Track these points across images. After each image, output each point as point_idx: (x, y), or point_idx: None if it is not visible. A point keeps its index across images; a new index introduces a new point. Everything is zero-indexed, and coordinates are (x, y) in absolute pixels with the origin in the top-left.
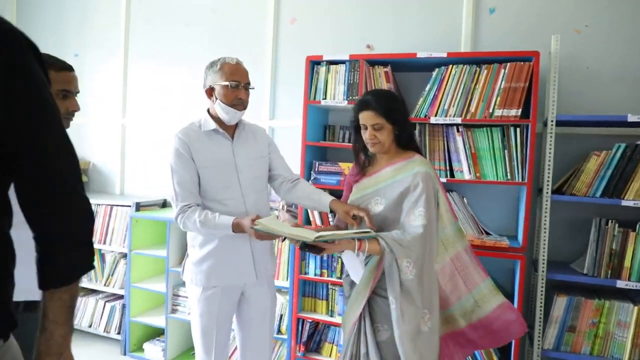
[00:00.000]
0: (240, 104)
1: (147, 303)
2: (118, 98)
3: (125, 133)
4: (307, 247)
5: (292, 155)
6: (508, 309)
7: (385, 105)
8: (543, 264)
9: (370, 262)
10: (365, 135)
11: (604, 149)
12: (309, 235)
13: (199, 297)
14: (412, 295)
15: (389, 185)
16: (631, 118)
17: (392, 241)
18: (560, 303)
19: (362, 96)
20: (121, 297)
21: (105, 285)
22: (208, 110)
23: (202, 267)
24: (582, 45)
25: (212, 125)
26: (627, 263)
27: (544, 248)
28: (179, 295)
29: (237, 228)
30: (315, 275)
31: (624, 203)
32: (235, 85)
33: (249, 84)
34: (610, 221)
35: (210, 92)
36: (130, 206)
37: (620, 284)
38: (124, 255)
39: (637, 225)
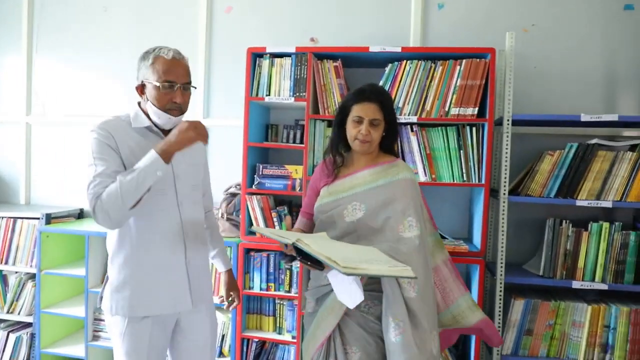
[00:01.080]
0: (175, 108)
1: (62, 330)
2: (21, 93)
3: (31, 133)
4: (307, 261)
5: (230, 158)
6: (487, 326)
7: (386, 101)
8: (501, 267)
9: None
10: (358, 130)
11: (556, 148)
12: (330, 254)
13: (122, 331)
14: (418, 317)
15: (369, 190)
16: (584, 118)
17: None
18: (518, 306)
19: (360, 87)
20: (29, 325)
21: (8, 312)
22: (139, 104)
23: (124, 292)
24: (529, 44)
25: (145, 121)
26: (580, 263)
27: (501, 251)
28: (101, 320)
29: (168, 150)
30: (260, 289)
31: (579, 203)
32: (168, 86)
33: (188, 83)
34: (564, 221)
35: (141, 89)
36: (38, 218)
37: (576, 284)
38: (32, 276)
39: (589, 225)
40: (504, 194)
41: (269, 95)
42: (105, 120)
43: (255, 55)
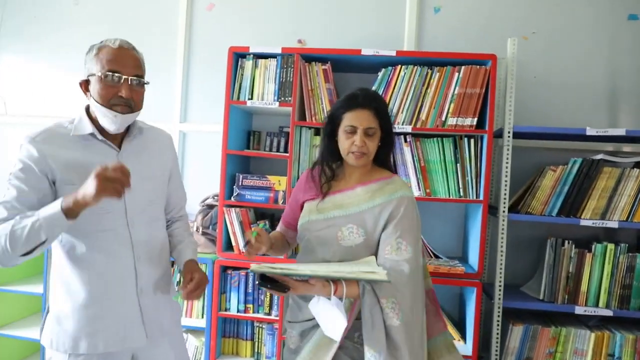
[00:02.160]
0: (121, 103)
1: (14, 354)
2: None
3: None
4: (267, 283)
5: (208, 166)
6: None
7: (382, 107)
8: (500, 290)
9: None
10: (352, 141)
11: (558, 163)
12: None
13: None
14: (401, 351)
15: (367, 212)
16: (590, 132)
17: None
18: (517, 332)
19: (351, 92)
20: None
21: None
22: (88, 109)
23: (65, 325)
24: (529, 52)
25: (88, 128)
26: (583, 287)
27: (500, 273)
28: None
29: (73, 207)
30: (238, 311)
31: (583, 223)
32: (113, 77)
33: (139, 76)
34: (566, 242)
35: (85, 85)
36: None
37: (579, 310)
38: None
39: (593, 246)
40: (504, 211)
41: (252, 99)
42: (41, 131)
43: (238, 56)
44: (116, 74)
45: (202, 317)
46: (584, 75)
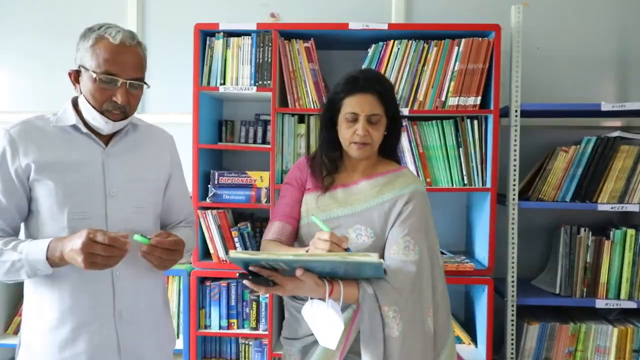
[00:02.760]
0: (115, 110)
1: None
2: None
3: None
4: (248, 278)
5: None
6: None
7: (387, 90)
8: (512, 287)
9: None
10: (354, 130)
11: (569, 143)
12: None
13: None
14: None
15: (374, 209)
16: (605, 107)
17: (374, 280)
18: (532, 332)
19: (351, 74)
20: None
21: None
22: (75, 101)
23: (35, 350)
24: (531, 20)
25: (71, 119)
26: (603, 278)
27: (512, 268)
28: None
29: (59, 263)
30: (220, 327)
31: (601, 208)
32: (108, 80)
33: (139, 79)
34: (582, 229)
35: (75, 76)
36: None
37: (600, 303)
38: None
39: (612, 232)
40: (514, 199)
41: (225, 84)
42: (17, 123)
43: (205, 34)
44: (112, 77)
45: (178, 336)
46: (590, 43)
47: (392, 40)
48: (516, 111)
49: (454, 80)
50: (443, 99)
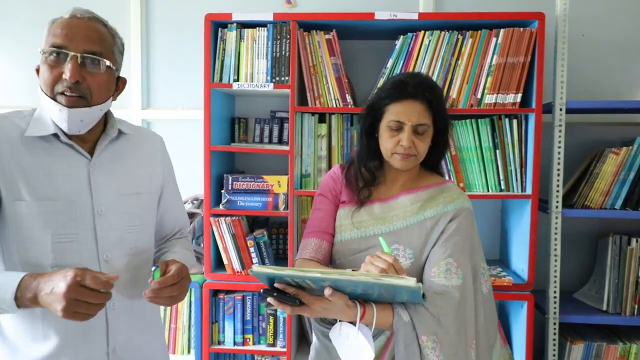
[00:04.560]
0: (65, 90)
1: None
2: None
3: None
4: (273, 295)
5: (182, 163)
6: None
7: (437, 99)
8: (555, 302)
9: (375, 343)
10: (398, 140)
11: (619, 143)
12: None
13: None
14: None
15: (415, 227)
16: None
17: (412, 306)
18: (577, 352)
19: (398, 77)
20: None
21: None
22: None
23: None
24: (577, 8)
25: (49, 126)
26: None
27: (555, 282)
28: None
29: (29, 304)
30: (234, 343)
31: None
32: (55, 55)
33: (93, 53)
34: (633, 239)
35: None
36: None
37: None
38: None
39: None
40: (557, 206)
41: (238, 80)
42: None
43: (217, 26)
44: (58, 50)
45: (189, 352)
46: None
47: (422, 31)
48: (561, 109)
49: (491, 75)
50: (479, 96)
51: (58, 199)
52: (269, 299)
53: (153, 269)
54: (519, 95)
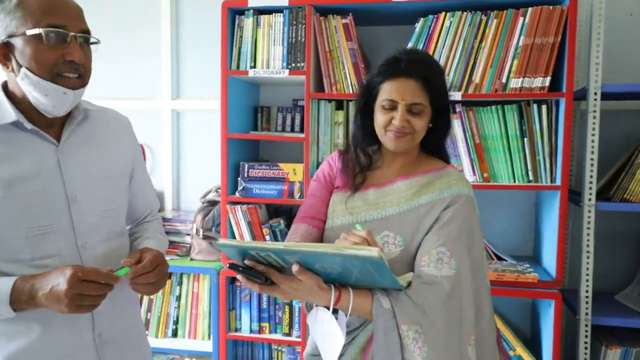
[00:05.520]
0: (71, 72)
1: None
2: None
3: None
4: (239, 270)
5: (210, 153)
6: None
7: (434, 76)
8: (587, 303)
9: (358, 337)
10: (390, 117)
11: None
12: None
13: None
14: None
15: (407, 213)
16: None
17: (394, 293)
18: (612, 358)
19: (392, 54)
20: None
21: None
22: (5, 87)
23: None
24: None
25: (10, 114)
26: None
27: (587, 280)
28: None
29: (25, 307)
30: (251, 331)
31: None
32: (56, 35)
33: (85, 32)
34: None
35: (5, 53)
36: None
37: None
38: None
39: None
40: (590, 199)
41: (255, 67)
42: None
43: (234, 12)
44: (59, 30)
45: (209, 338)
46: None
47: (443, 13)
48: (596, 93)
49: (517, 57)
50: (504, 80)
51: (28, 191)
52: (238, 276)
53: (120, 267)
54: (548, 78)
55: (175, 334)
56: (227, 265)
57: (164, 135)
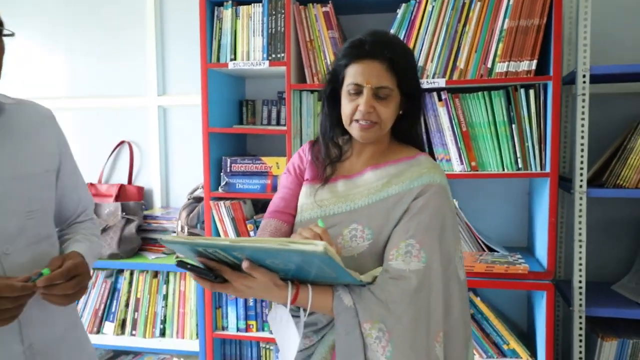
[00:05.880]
0: None
1: None
2: None
3: None
4: (187, 267)
5: (196, 149)
6: None
7: (400, 57)
8: (580, 294)
9: (327, 335)
10: (356, 105)
11: None
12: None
13: None
14: None
15: (375, 205)
16: None
17: (357, 289)
18: (608, 350)
19: (357, 36)
20: None
21: None
22: None
23: None
24: None
25: None
26: None
27: (580, 270)
28: None
29: None
30: (238, 329)
31: None
32: None
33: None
34: None
35: None
36: None
37: None
38: None
39: None
40: (581, 186)
41: (235, 59)
42: None
43: (213, 4)
44: None
45: (198, 336)
46: None
47: None
48: (584, 76)
49: (502, 41)
50: (489, 65)
51: None
52: (190, 274)
53: (42, 270)
54: (534, 62)
55: (163, 333)
56: (176, 262)
57: (151, 132)
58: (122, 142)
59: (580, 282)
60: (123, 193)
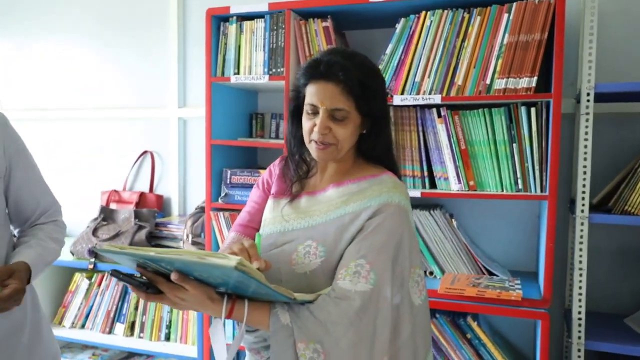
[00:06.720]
0: None
1: None
2: None
3: None
4: (120, 277)
5: None
6: None
7: (358, 79)
8: (579, 325)
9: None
10: (313, 124)
11: None
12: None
13: None
14: None
15: (332, 222)
16: None
17: (296, 307)
18: None
19: (317, 55)
20: None
21: None
22: None
23: None
24: None
25: None
26: None
27: (579, 300)
28: None
29: None
30: (234, 337)
31: None
32: None
33: None
34: None
35: None
36: None
37: None
38: None
39: None
40: (583, 209)
41: (237, 73)
42: None
43: (219, 20)
44: None
45: (194, 343)
46: None
47: (424, 12)
48: (588, 94)
49: (501, 57)
50: (488, 81)
51: None
52: (127, 285)
53: None
54: (534, 79)
55: (168, 337)
56: (110, 272)
57: (171, 143)
58: (145, 152)
59: (579, 312)
60: (143, 201)
